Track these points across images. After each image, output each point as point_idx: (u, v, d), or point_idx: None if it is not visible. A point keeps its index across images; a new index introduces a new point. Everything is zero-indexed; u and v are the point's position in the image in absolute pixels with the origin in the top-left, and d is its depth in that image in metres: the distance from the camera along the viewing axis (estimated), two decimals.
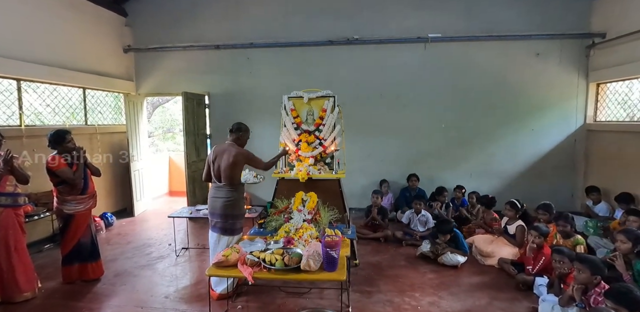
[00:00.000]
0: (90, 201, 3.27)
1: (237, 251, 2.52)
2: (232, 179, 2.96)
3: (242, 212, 3.09)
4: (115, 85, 5.56)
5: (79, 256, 3.20)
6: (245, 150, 3.05)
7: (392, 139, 5.64)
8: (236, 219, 3.00)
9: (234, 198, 2.98)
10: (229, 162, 2.92)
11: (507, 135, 5.51)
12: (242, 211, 3.09)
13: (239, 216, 3.04)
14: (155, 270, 3.54)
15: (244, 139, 3.14)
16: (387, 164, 5.67)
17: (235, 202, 2.98)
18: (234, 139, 3.10)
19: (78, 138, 4.79)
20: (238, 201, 3.01)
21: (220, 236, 3.00)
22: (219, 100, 5.90)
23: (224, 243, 2.97)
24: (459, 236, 3.68)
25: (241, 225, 3.07)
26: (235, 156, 2.93)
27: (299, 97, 3.85)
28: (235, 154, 2.93)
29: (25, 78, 4.10)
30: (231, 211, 2.96)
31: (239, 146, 3.08)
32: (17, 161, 2.97)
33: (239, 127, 3.13)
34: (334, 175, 3.67)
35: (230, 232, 2.99)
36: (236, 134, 3.11)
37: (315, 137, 3.78)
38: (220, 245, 2.98)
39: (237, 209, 3.01)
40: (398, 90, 5.57)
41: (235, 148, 3.00)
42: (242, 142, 3.13)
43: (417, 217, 4.33)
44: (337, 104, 3.80)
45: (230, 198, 2.96)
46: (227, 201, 2.95)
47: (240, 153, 2.98)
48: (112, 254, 3.96)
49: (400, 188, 5.53)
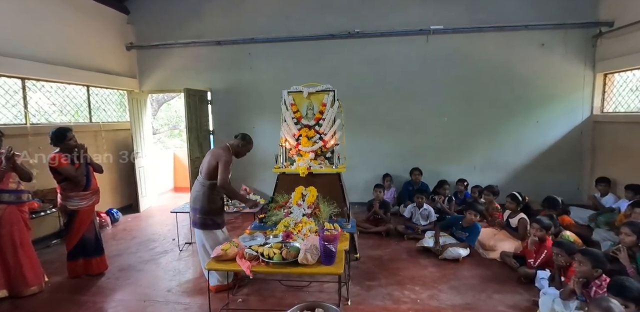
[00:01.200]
0: (93, 197, 3.33)
1: (236, 245, 2.54)
2: (207, 173, 2.97)
3: (209, 208, 2.95)
4: (119, 83, 5.61)
5: (84, 251, 3.27)
6: (228, 155, 2.94)
7: (394, 133, 5.60)
8: (203, 214, 2.93)
9: (202, 192, 2.96)
10: (209, 160, 2.98)
11: (511, 128, 5.43)
12: (208, 207, 2.95)
13: (207, 211, 2.94)
14: (159, 264, 3.60)
15: (243, 149, 3.12)
16: (389, 158, 5.64)
17: (203, 197, 2.94)
18: (234, 145, 3.09)
19: (83, 136, 4.89)
20: (205, 196, 2.94)
21: (195, 231, 3.04)
22: (221, 96, 5.91)
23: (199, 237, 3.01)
24: (478, 228, 3.66)
25: (212, 222, 2.97)
26: (215, 156, 2.96)
27: (299, 91, 3.84)
28: (217, 154, 2.97)
29: (30, 77, 4.16)
30: (200, 204, 2.94)
31: (232, 153, 3.04)
32: (20, 159, 3.04)
33: (243, 136, 3.13)
34: (335, 169, 3.67)
35: (200, 226, 2.96)
36: (240, 141, 3.10)
37: (315, 132, 3.78)
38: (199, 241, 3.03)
39: (203, 204, 2.94)
40: (400, 83, 5.52)
41: (224, 151, 2.99)
42: (239, 151, 3.11)
43: (419, 211, 4.31)
44: (337, 98, 3.78)
45: (199, 192, 2.97)
46: (197, 194, 2.97)
47: (221, 154, 2.94)
48: (117, 249, 4.04)
49: (403, 182, 5.51)
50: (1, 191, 2.84)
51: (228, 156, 2.95)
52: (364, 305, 2.69)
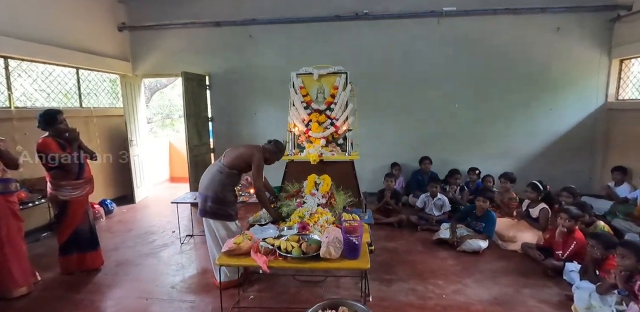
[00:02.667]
0: (86, 186, 3.05)
1: (249, 238, 2.31)
2: (234, 163, 2.73)
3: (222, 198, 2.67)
4: (111, 66, 5.24)
5: (77, 245, 3.01)
6: (262, 158, 2.75)
7: (403, 120, 5.37)
8: (215, 203, 2.65)
9: (217, 180, 2.68)
10: (242, 152, 2.76)
11: (524, 115, 5.23)
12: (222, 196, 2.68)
13: (219, 201, 2.66)
14: (160, 258, 3.36)
15: (274, 156, 2.87)
16: (398, 147, 5.42)
17: (216, 185, 2.67)
18: (267, 149, 2.83)
19: (73, 121, 4.52)
20: (220, 185, 2.67)
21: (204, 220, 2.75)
22: (220, 81, 5.58)
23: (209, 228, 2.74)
24: (493, 216, 3.48)
25: (226, 213, 2.69)
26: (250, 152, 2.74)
27: (309, 73, 3.57)
28: (252, 152, 2.74)
29: (13, 56, 3.79)
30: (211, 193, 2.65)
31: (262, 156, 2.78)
32: (4, 144, 2.74)
33: (277, 143, 2.89)
34: (347, 157, 3.44)
35: (212, 215, 2.68)
36: (273, 147, 2.86)
37: (326, 117, 3.53)
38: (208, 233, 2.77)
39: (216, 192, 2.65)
40: (409, 68, 5.25)
41: (257, 150, 2.78)
42: (269, 157, 2.84)
43: (433, 201, 4.12)
44: (349, 81, 3.52)
45: (214, 179, 2.69)
46: (211, 181, 2.70)
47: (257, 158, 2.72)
48: (113, 242, 3.78)
49: (411, 171, 5.32)
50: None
51: (262, 159, 2.76)
52: (387, 301, 2.50)
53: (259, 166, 2.73)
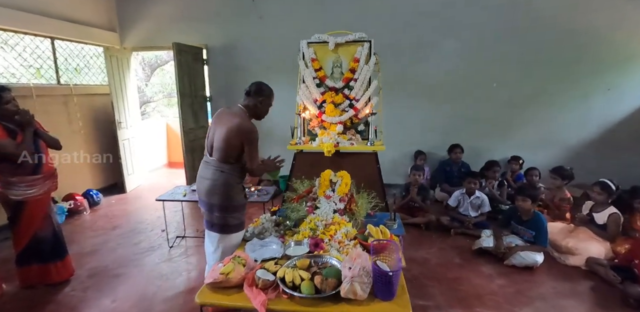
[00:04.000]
0: (47, 182, 2.44)
1: (242, 264, 1.70)
2: (225, 155, 2.01)
3: (233, 203, 2.06)
4: (94, 36, 4.53)
5: (38, 255, 2.45)
6: (252, 127, 1.99)
7: (430, 101, 4.59)
8: (225, 211, 2.04)
9: (222, 181, 2.02)
10: (223, 134, 1.98)
11: (575, 96, 4.40)
12: (233, 201, 2.06)
13: (230, 207, 2.05)
14: (142, 267, 2.81)
15: (263, 107, 2.10)
16: (423, 132, 4.68)
17: (223, 188, 2.02)
18: (249, 105, 2.07)
19: (49, 100, 3.95)
20: (227, 187, 2.03)
21: (209, 233, 2.13)
22: (219, 55, 4.83)
23: (215, 243, 2.10)
24: (542, 220, 2.77)
25: (238, 221, 2.09)
26: (234, 130, 1.95)
27: (323, 42, 2.83)
28: (236, 127, 1.95)
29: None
30: (218, 199, 2.02)
31: (251, 116, 2.09)
32: None
33: (259, 89, 2.07)
34: (370, 147, 2.75)
35: (220, 228, 2.07)
36: (254, 98, 2.06)
37: (344, 97, 2.81)
38: (212, 247, 2.12)
39: (225, 197, 2.03)
40: (439, 39, 4.40)
41: (240, 118, 1.99)
42: (258, 112, 2.10)
43: (470, 199, 3.44)
44: (374, 51, 2.77)
45: (217, 180, 2.02)
46: (213, 184, 2.02)
47: (242, 127, 1.96)
48: (92, 243, 3.25)
49: (438, 161, 4.61)
50: None
51: (255, 131, 1.99)
52: None
53: (254, 142, 1.99)
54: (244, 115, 2.03)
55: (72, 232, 3.51)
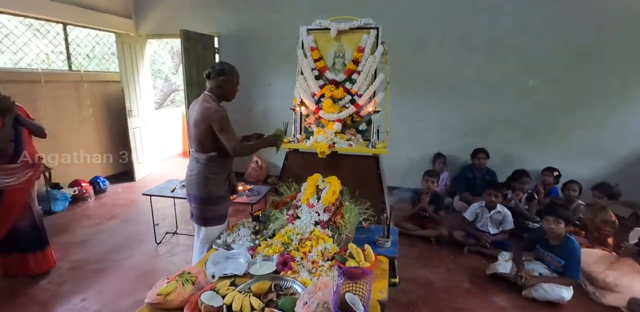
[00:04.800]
0: (26, 172, 2.36)
1: (191, 281, 1.48)
2: (198, 143, 1.96)
3: (210, 195, 2.00)
4: (108, 23, 4.48)
5: (16, 244, 2.40)
6: (219, 108, 1.87)
7: (454, 99, 4.11)
8: (201, 203, 2.01)
9: (197, 171, 1.98)
10: (192, 122, 1.95)
11: (630, 98, 3.72)
12: (209, 193, 2.00)
13: (206, 199, 2.00)
14: (124, 263, 2.70)
15: (228, 86, 1.98)
16: (444, 133, 4.22)
17: (199, 178, 1.98)
18: (212, 88, 1.97)
19: (58, 86, 3.97)
20: (203, 177, 1.97)
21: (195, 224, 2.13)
22: (230, 43, 4.63)
23: (197, 235, 2.14)
24: (575, 247, 2.30)
25: (215, 214, 2.04)
26: (199, 114, 1.88)
27: (324, 29, 2.49)
28: (200, 110, 1.88)
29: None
30: (195, 190, 2.00)
31: (218, 98, 1.96)
32: None
33: (219, 70, 1.96)
34: (371, 150, 2.42)
35: (197, 220, 2.07)
36: (215, 79, 1.96)
37: (345, 91, 2.48)
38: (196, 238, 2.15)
39: (201, 188, 1.98)
40: (470, 28, 3.89)
41: (204, 102, 1.91)
42: (224, 92, 1.99)
43: (490, 213, 3.00)
44: (382, 40, 2.40)
45: (193, 171, 2.00)
46: (190, 174, 2.03)
47: (205, 109, 1.86)
48: (84, 233, 3.20)
49: (460, 166, 4.15)
50: None
51: (220, 110, 1.87)
52: None
53: (222, 121, 1.85)
54: (209, 99, 1.93)
55: (70, 219, 3.51)
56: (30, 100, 3.59)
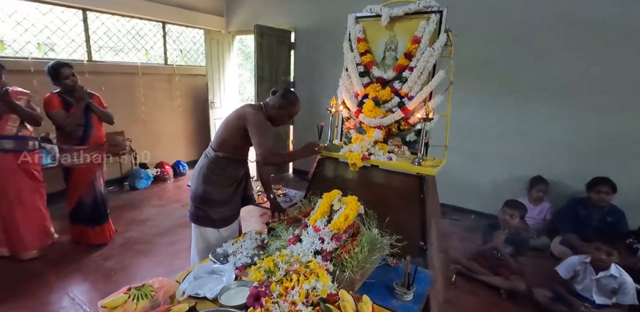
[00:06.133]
0: (93, 153, 2.67)
1: (150, 296, 1.34)
2: (218, 141, 1.87)
3: (204, 195, 1.88)
4: (201, 21, 4.82)
5: (81, 217, 2.75)
6: (260, 112, 1.82)
7: (565, 108, 3.09)
8: (193, 199, 1.93)
9: (201, 166, 1.92)
10: (227, 118, 1.87)
11: None
12: (204, 193, 1.88)
13: (199, 197, 1.89)
14: (163, 249, 2.84)
15: (280, 111, 1.88)
16: (549, 151, 3.24)
17: (200, 174, 1.89)
18: (268, 103, 1.89)
19: (154, 78, 4.47)
20: (203, 174, 1.89)
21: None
22: (306, 38, 4.49)
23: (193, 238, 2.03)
24: None
25: (204, 214, 1.91)
26: (235, 113, 1.84)
27: (375, 16, 2.05)
28: (239, 110, 1.84)
29: (93, 8, 3.71)
30: (194, 184, 1.93)
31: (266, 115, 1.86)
32: (26, 98, 2.53)
33: (285, 94, 1.89)
34: (414, 167, 1.90)
35: (192, 217, 1.97)
36: (275, 99, 1.89)
37: (392, 92, 2.01)
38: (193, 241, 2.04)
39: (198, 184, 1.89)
40: (576, 11, 2.80)
41: (254, 109, 1.82)
42: (275, 116, 1.88)
43: (597, 275, 2.11)
44: (447, 27, 1.83)
45: (198, 165, 1.94)
46: (196, 168, 1.95)
47: (244, 110, 1.81)
48: (149, 212, 3.53)
49: (568, 197, 3.12)
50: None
51: (260, 114, 1.81)
52: None
53: (258, 123, 1.74)
54: (257, 108, 1.85)
55: (145, 197, 3.94)
56: (129, 90, 4.14)
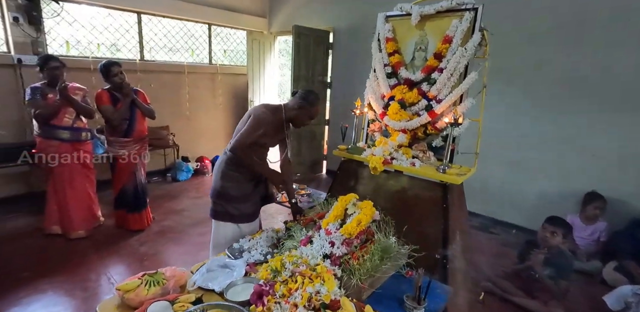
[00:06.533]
0: (135, 146, 2.88)
1: (161, 283, 1.41)
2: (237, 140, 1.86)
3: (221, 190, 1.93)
4: (245, 22, 4.98)
5: (123, 203, 2.98)
6: (268, 112, 1.80)
7: (624, 114, 2.72)
8: (212, 194, 1.97)
9: (220, 162, 1.95)
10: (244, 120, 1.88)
11: None
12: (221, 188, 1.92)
13: (216, 192, 1.94)
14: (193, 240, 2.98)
15: (299, 112, 1.84)
16: (608, 164, 2.88)
17: (218, 169, 1.94)
18: (288, 104, 1.88)
19: (198, 77, 4.71)
20: (221, 169, 1.92)
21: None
22: (345, 38, 4.45)
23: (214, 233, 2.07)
24: None
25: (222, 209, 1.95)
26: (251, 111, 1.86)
27: (405, 15, 1.96)
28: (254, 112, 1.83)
29: (147, 11, 4.00)
30: (213, 179, 1.97)
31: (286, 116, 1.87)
32: (82, 93, 2.80)
33: (305, 95, 1.86)
34: (439, 175, 1.79)
35: (211, 212, 2.01)
36: (295, 100, 1.85)
37: (420, 94, 1.91)
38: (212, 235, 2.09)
39: (217, 179, 1.94)
40: None
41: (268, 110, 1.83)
42: (295, 117, 1.87)
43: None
44: (482, 25, 1.69)
45: (218, 160, 1.97)
46: (219, 167, 1.95)
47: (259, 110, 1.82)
48: (186, 203, 3.74)
49: (628, 218, 2.75)
50: (55, 127, 2.68)
51: (265, 113, 1.80)
52: None
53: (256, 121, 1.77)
54: (276, 108, 1.85)
55: (184, 189, 4.18)
56: (176, 87, 4.42)
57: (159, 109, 2.92)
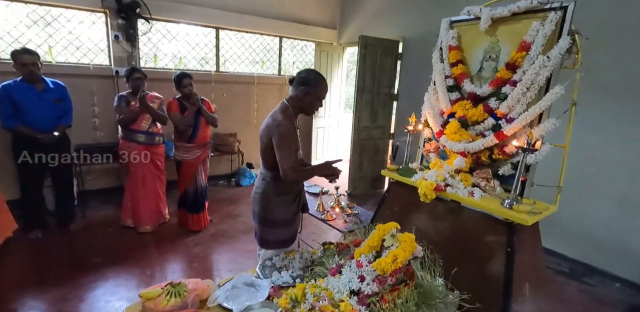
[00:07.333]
0: (198, 151, 3.08)
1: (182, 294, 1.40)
2: (263, 159, 1.79)
3: (270, 217, 1.79)
4: (315, 34, 5.05)
5: (184, 204, 3.19)
6: (284, 122, 1.62)
7: None
8: (261, 223, 1.83)
9: (261, 190, 1.79)
10: (260, 133, 1.76)
11: None
12: (269, 214, 1.79)
13: (265, 220, 1.80)
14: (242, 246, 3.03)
15: (307, 99, 1.69)
16: None
17: (262, 197, 1.79)
18: (291, 97, 1.74)
19: (268, 88, 4.90)
20: (265, 196, 1.78)
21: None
22: (413, 48, 4.18)
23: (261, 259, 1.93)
24: None
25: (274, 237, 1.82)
26: (265, 126, 1.71)
27: (473, 19, 1.69)
28: (269, 122, 1.69)
29: (225, 27, 4.32)
30: (258, 208, 1.82)
31: (294, 109, 1.72)
32: (159, 101, 3.10)
33: (303, 78, 1.68)
34: (503, 210, 1.47)
35: (261, 242, 1.88)
36: (295, 88, 1.71)
37: (486, 111, 1.61)
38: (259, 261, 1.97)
39: (262, 207, 1.79)
40: None
41: (276, 114, 1.69)
42: (302, 104, 1.71)
43: None
44: (574, 28, 1.34)
45: (258, 188, 1.82)
46: (255, 191, 1.84)
47: (273, 121, 1.64)
48: (243, 209, 3.85)
49: None
50: (134, 131, 3.02)
51: (284, 124, 1.63)
52: None
53: (282, 138, 1.60)
54: (284, 109, 1.70)
55: (244, 195, 4.34)
56: (246, 97, 4.65)
57: (229, 116, 3.05)
